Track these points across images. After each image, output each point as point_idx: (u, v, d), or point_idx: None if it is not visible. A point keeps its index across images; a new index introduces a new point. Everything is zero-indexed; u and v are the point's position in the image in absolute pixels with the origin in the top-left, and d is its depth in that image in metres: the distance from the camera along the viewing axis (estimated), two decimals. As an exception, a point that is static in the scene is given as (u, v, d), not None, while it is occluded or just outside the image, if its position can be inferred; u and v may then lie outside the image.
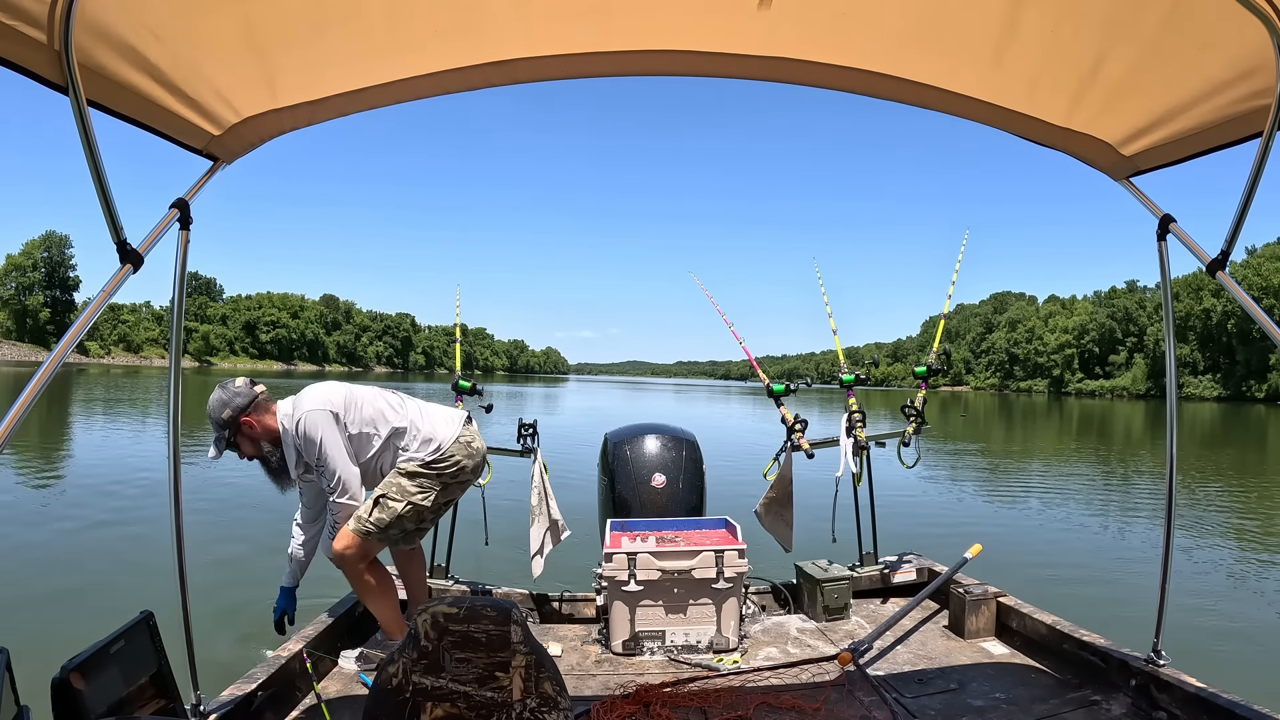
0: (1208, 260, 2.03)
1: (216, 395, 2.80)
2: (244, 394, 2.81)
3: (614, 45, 2.12)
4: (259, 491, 9.57)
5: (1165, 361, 2.62)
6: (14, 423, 1.36)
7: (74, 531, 7.19)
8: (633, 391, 77.08)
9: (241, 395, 2.80)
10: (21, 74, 1.51)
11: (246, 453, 2.85)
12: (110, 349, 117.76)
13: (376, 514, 2.84)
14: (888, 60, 2.17)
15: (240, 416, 2.78)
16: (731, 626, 3.15)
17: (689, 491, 3.76)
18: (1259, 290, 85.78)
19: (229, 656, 4.09)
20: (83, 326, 1.65)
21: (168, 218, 1.97)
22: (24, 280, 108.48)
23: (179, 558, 2.21)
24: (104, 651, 1.83)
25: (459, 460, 2.97)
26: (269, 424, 2.85)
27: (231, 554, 6.57)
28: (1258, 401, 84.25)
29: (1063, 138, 2.40)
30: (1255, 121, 1.95)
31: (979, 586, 3.38)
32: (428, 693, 1.60)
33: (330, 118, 2.23)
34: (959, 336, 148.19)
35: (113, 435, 16.14)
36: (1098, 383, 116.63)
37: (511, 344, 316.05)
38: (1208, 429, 32.66)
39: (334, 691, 2.69)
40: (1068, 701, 2.62)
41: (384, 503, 2.85)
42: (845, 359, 4.14)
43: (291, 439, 2.82)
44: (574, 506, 4.51)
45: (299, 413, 2.81)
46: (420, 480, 2.90)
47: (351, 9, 1.85)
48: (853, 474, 3.81)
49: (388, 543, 2.96)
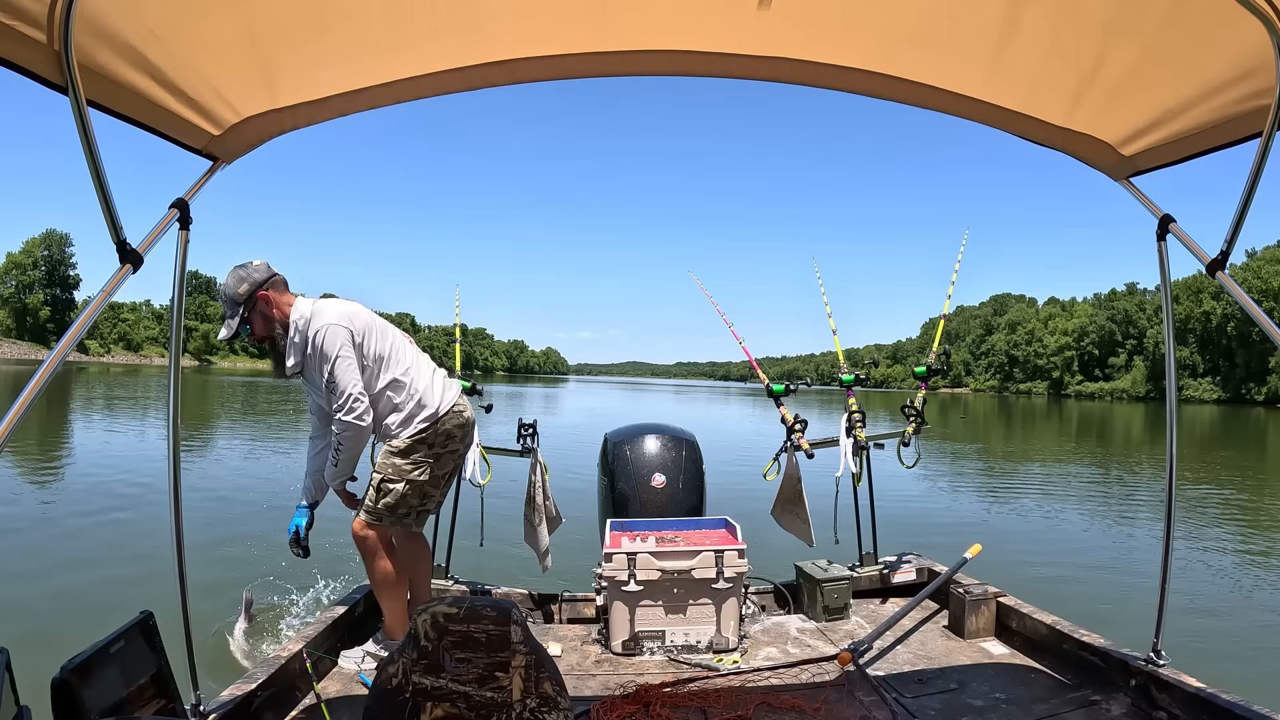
0: (1207, 260, 2.03)
1: (233, 274, 2.79)
2: (262, 270, 2.82)
3: (614, 45, 2.12)
4: (260, 492, 9.59)
5: (1165, 364, 2.62)
6: (14, 421, 1.36)
7: (74, 531, 7.19)
8: (633, 392, 77.09)
9: (260, 271, 2.81)
10: (21, 74, 1.51)
11: (258, 332, 2.82)
12: (110, 348, 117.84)
13: (382, 500, 2.84)
14: (888, 60, 2.17)
15: (258, 290, 2.78)
16: (731, 626, 3.15)
17: (689, 491, 3.76)
18: (1259, 293, 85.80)
19: (229, 656, 4.10)
20: (82, 326, 1.65)
21: (167, 218, 1.97)
22: (24, 279, 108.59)
23: (179, 558, 2.21)
24: (104, 651, 1.82)
25: (448, 429, 2.95)
26: (285, 307, 2.85)
27: (231, 554, 6.56)
28: (1257, 404, 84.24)
29: (1062, 138, 2.40)
30: (1255, 121, 1.95)
31: (979, 586, 3.38)
32: (428, 693, 1.60)
33: (330, 117, 2.23)
34: (959, 338, 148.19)
35: (113, 434, 16.14)
36: (1097, 385, 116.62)
37: (511, 344, 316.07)
38: (1207, 431, 32.66)
39: (334, 691, 2.69)
40: (1068, 701, 2.62)
41: (385, 487, 2.85)
42: (845, 360, 4.14)
43: (304, 342, 2.79)
44: (574, 506, 4.52)
45: (319, 322, 2.78)
46: (413, 456, 2.89)
47: (351, 9, 1.85)
48: (853, 474, 3.82)
49: (401, 524, 2.95)
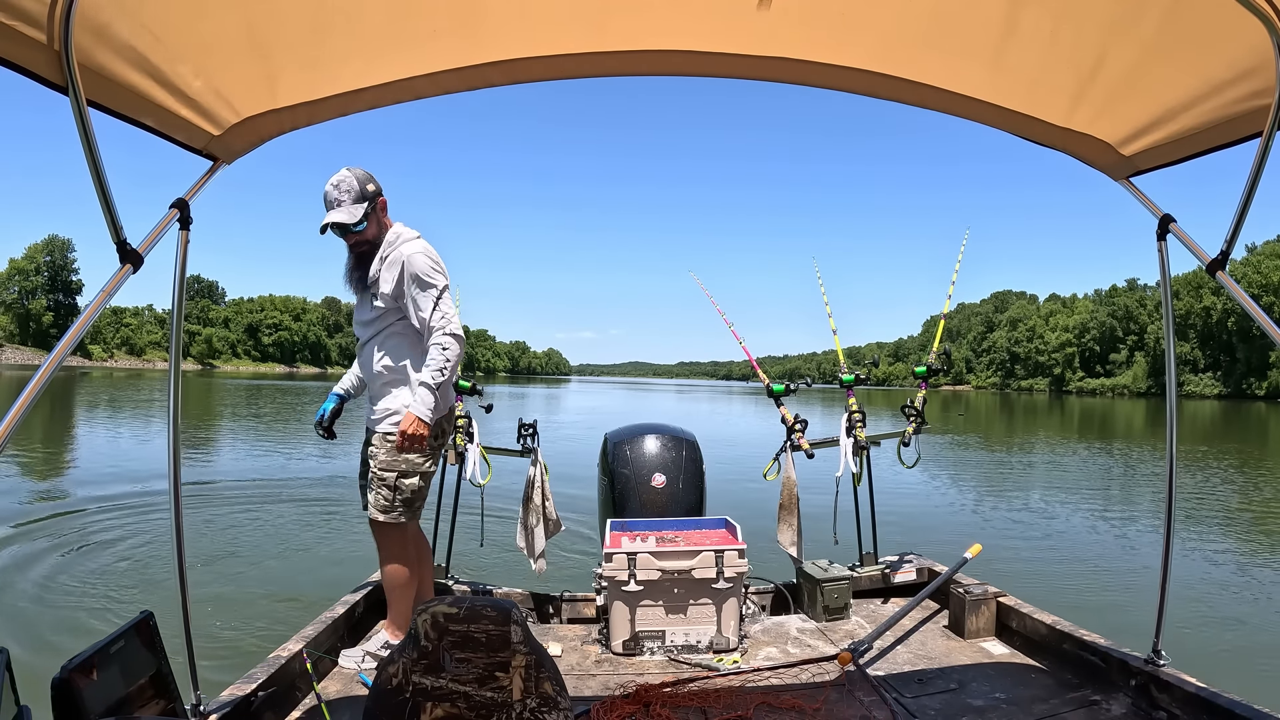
0: (1208, 260, 2.03)
1: (357, 170, 2.79)
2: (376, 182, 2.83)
3: (614, 45, 2.12)
4: (260, 491, 9.60)
5: (1165, 361, 2.62)
6: (15, 421, 1.36)
7: (75, 532, 7.20)
8: (634, 392, 77.15)
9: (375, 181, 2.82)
10: (21, 74, 1.51)
11: (370, 233, 2.81)
12: (113, 352, 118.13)
13: (400, 497, 2.84)
14: (888, 60, 2.17)
15: (380, 194, 2.80)
16: (731, 626, 3.15)
17: (689, 491, 3.76)
18: (1259, 288, 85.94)
19: (229, 656, 4.10)
20: (83, 326, 1.65)
21: (168, 218, 1.97)
22: (27, 284, 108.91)
23: (179, 558, 2.21)
24: (104, 651, 1.83)
25: (449, 424, 3.03)
26: (387, 220, 2.87)
27: (232, 554, 6.58)
28: (1258, 399, 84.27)
29: (1063, 138, 2.40)
30: (1255, 121, 1.95)
31: (979, 586, 3.38)
32: (428, 693, 1.60)
33: (330, 117, 2.23)
34: (960, 336, 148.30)
35: (114, 437, 16.17)
36: (1099, 381, 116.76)
37: (513, 345, 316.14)
38: (1208, 427, 32.65)
39: (334, 691, 2.69)
40: (1068, 701, 2.62)
41: (402, 483, 2.85)
42: (846, 359, 4.14)
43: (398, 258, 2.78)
44: (574, 506, 4.55)
45: (421, 245, 2.81)
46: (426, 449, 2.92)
47: (351, 9, 1.85)
48: (853, 474, 3.81)
49: (417, 516, 2.98)
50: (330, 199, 2.76)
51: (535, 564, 3.58)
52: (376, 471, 2.85)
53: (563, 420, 26.39)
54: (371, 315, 2.88)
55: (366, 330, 2.93)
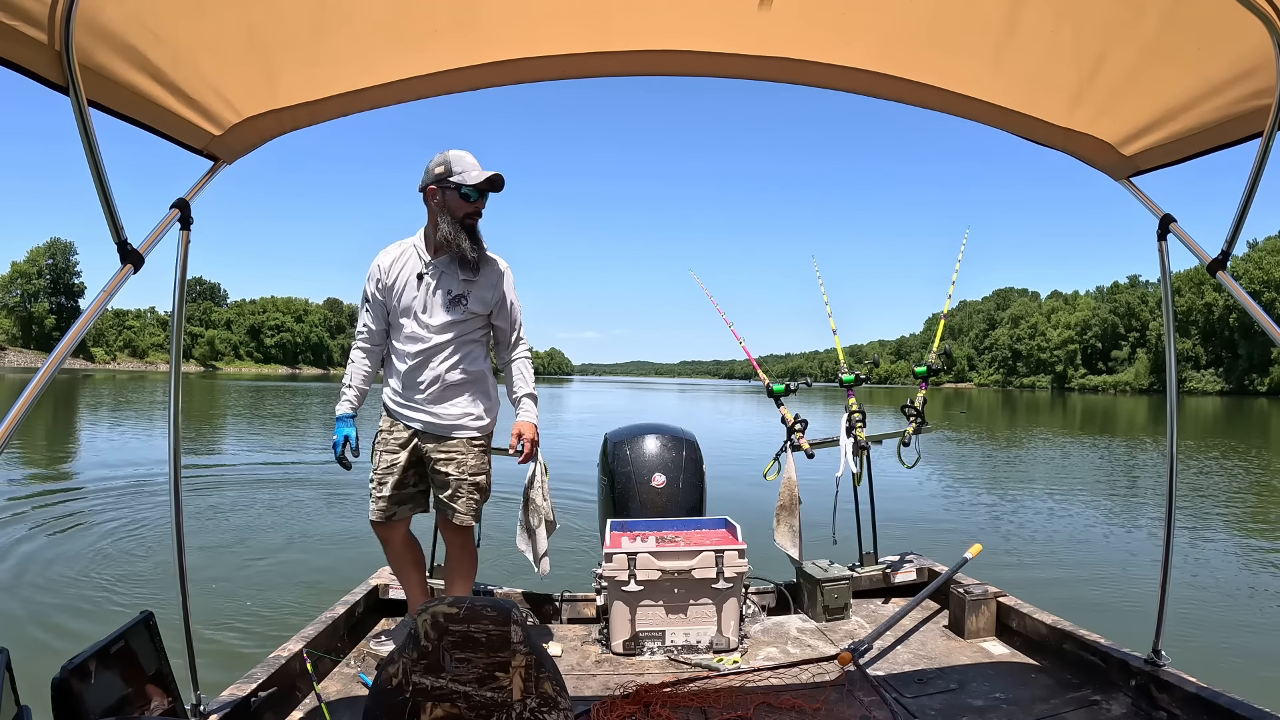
0: (1208, 260, 2.02)
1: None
2: None
3: (614, 45, 2.12)
4: (260, 492, 9.61)
5: (1166, 358, 2.62)
6: (16, 420, 1.36)
7: (75, 532, 7.21)
8: (636, 391, 77.16)
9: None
10: (22, 74, 1.51)
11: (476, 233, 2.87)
12: (116, 354, 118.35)
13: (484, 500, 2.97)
14: (888, 60, 2.17)
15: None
16: (731, 626, 3.15)
17: (689, 491, 3.76)
18: (1260, 284, 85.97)
19: (229, 656, 4.10)
20: (84, 326, 1.65)
21: (168, 218, 1.98)
22: (29, 287, 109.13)
23: (179, 558, 2.21)
24: (104, 651, 1.83)
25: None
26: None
27: (232, 554, 6.59)
28: (1260, 395, 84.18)
29: (1063, 138, 2.40)
30: (1255, 121, 1.95)
31: (979, 586, 3.38)
32: (428, 693, 1.60)
33: (331, 117, 2.23)
34: (962, 333, 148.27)
35: (115, 438, 16.18)
36: (1100, 378, 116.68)
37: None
38: (1209, 423, 32.60)
39: (334, 691, 2.69)
40: (1068, 701, 2.62)
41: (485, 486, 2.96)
42: (847, 358, 4.14)
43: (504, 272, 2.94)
44: (574, 506, 4.55)
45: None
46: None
47: (351, 9, 1.85)
48: (853, 474, 3.81)
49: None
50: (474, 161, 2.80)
51: (539, 566, 3.57)
52: (468, 477, 2.88)
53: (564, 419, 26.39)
54: (455, 318, 2.85)
55: (440, 333, 2.85)
